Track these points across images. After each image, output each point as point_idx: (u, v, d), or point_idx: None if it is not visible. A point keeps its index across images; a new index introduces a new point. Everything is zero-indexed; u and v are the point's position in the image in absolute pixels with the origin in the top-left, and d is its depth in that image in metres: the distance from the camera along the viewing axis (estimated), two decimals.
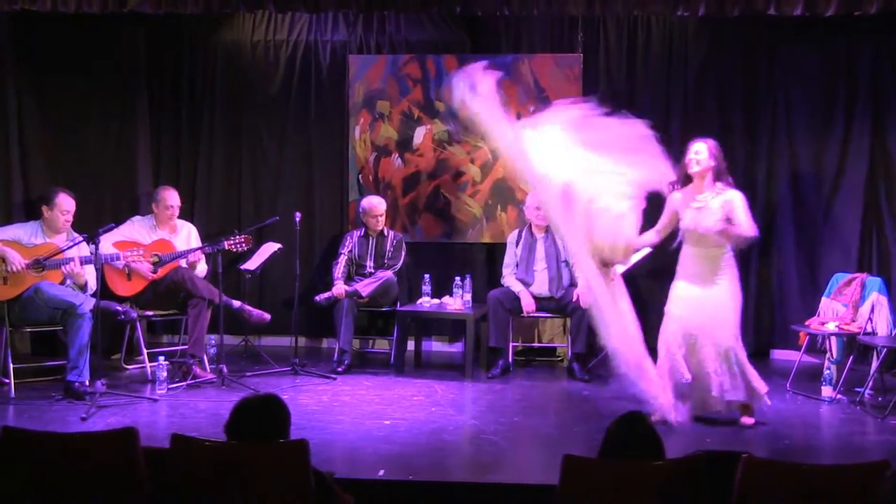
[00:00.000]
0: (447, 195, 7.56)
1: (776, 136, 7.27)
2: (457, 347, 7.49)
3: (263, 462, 3.13)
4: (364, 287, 6.81)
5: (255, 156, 7.69)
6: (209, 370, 6.27)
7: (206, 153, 7.67)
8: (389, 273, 6.96)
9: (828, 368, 6.03)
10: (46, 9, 6.01)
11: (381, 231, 7.11)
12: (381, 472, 4.28)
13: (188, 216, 7.14)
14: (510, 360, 6.78)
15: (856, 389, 5.91)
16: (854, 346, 6.11)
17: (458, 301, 6.71)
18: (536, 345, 7.44)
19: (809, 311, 6.68)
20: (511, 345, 6.88)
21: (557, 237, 6.43)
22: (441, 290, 6.88)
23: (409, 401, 5.84)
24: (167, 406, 5.60)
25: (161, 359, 5.95)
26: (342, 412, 5.52)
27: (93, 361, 5.71)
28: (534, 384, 6.44)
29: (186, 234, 6.72)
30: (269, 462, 3.13)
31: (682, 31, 7.38)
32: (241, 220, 7.42)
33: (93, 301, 5.70)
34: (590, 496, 3.10)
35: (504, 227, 7.44)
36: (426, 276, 6.92)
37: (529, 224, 6.87)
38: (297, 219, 6.71)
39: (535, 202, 6.62)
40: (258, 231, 7.07)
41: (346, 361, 6.64)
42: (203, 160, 7.67)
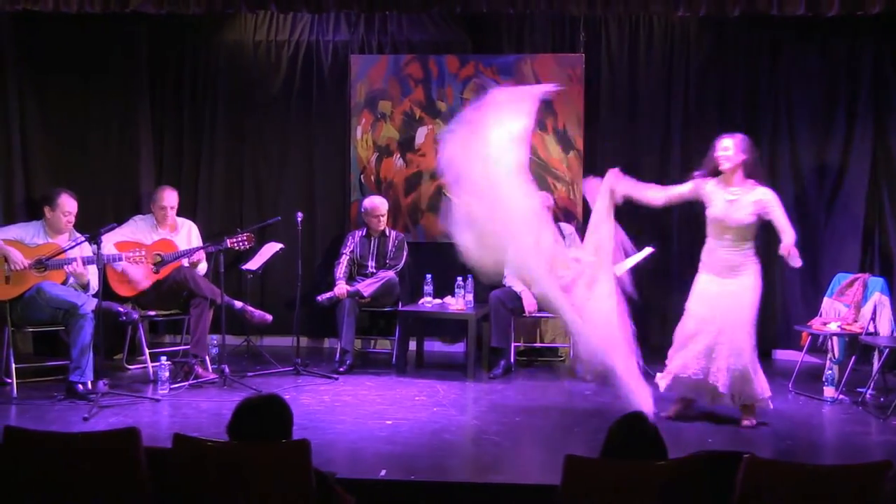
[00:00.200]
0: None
1: (778, 137, 7.25)
2: (458, 347, 7.48)
3: (265, 462, 3.13)
4: (366, 287, 6.81)
5: (257, 156, 7.70)
6: (211, 370, 6.27)
7: (208, 153, 7.68)
8: (391, 273, 6.97)
9: (830, 369, 6.03)
10: (48, 9, 6.01)
11: (383, 231, 7.11)
12: (383, 473, 4.28)
13: (190, 216, 7.14)
14: (512, 360, 6.78)
15: (858, 390, 5.91)
16: (856, 347, 6.11)
17: (460, 301, 6.70)
18: (538, 345, 7.43)
19: (811, 312, 6.68)
20: (513, 345, 6.88)
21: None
22: (443, 290, 6.87)
23: (411, 401, 5.84)
24: (169, 406, 5.60)
25: (163, 359, 5.95)
26: (344, 412, 5.52)
27: (95, 361, 5.71)
28: (536, 384, 6.43)
29: (187, 232, 6.73)
30: (271, 462, 3.13)
31: (684, 32, 7.37)
32: (243, 220, 7.42)
33: (94, 301, 5.71)
34: (591, 496, 3.10)
35: None
36: (428, 277, 6.92)
37: None
38: (299, 219, 6.71)
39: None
40: (260, 231, 7.06)
41: (348, 361, 6.64)
42: (205, 160, 7.67)
